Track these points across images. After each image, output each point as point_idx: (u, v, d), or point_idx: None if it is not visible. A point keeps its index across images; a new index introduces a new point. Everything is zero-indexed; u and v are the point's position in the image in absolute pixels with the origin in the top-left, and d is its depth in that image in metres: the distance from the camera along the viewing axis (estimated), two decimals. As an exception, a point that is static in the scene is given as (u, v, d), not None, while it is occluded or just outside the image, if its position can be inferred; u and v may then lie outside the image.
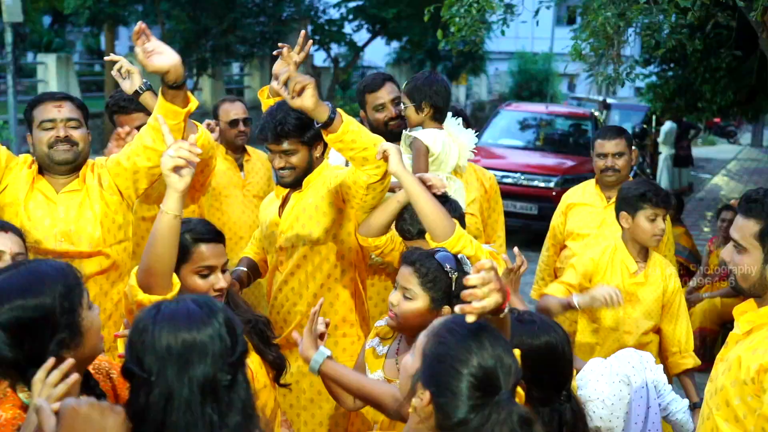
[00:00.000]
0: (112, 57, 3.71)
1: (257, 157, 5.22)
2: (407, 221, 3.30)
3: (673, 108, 13.72)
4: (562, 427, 2.46)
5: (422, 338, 1.92)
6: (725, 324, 7.19)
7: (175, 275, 2.63)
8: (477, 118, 24.33)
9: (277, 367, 2.95)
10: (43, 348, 1.94)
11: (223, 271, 2.79)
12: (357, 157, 3.15)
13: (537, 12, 7.53)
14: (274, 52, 3.39)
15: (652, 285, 3.95)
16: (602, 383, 2.99)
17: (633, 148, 4.72)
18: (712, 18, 6.39)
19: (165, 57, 3.01)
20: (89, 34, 27.29)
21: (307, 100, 2.98)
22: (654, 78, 13.31)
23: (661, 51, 6.41)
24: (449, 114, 4.17)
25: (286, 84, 3.06)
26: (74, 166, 3.43)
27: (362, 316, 3.69)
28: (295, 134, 3.41)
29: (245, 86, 23.20)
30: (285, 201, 3.63)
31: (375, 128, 4.17)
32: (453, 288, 2.77)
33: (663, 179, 15.74)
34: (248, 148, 5.23)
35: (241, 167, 5.09)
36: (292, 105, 3.04)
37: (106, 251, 3.42)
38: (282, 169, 3.48)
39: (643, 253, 3.98)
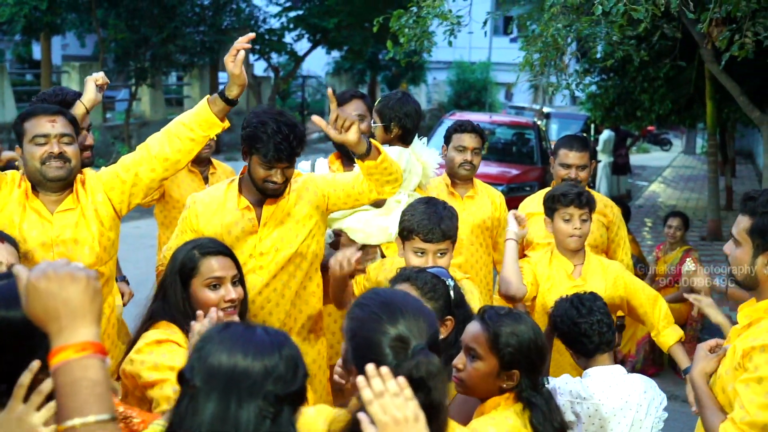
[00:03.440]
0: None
1: (222, 170, 5.18)
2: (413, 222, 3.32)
3: (612, 117, 14.00)
4: (551, 412, 2.52)
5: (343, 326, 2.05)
6: (673, 329, 7.34)
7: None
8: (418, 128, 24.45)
9: None
10: (17, 366, 1.86)
11: (235, 284, 2.86)
12: (382, 179, 3.43)
13: (485, 23, 7.61)
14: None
15: (593, 283, 3.94)
16: (616, 390, 3.10)
17: (592, 160, 4.79)
18: (659, 30, 6.56)
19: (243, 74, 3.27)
20: (20, 43, 26.60)
21: (352, 135, 3.25)
22: (594, 87, 13.58)
23: (610, 62, 6.54)
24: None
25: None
26: (67, 183, 3.36)
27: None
28: (301, 150, 3.50)
29: (185, 96, 22.93)
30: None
31: (337, 143, 4.20)
32: (453, 297, 2.79)
33: (602, 187, 16.04)
34: (213, 160, 5.18)
35: (206, 180, 5.02)
36: (335, 139, 3.30)
37: (101, 269, 3.38)
38: (281, 183, 3.50)
39: (580, 255, 4.01)
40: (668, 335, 3.88)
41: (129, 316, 3.80)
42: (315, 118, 3.32)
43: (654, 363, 7.15)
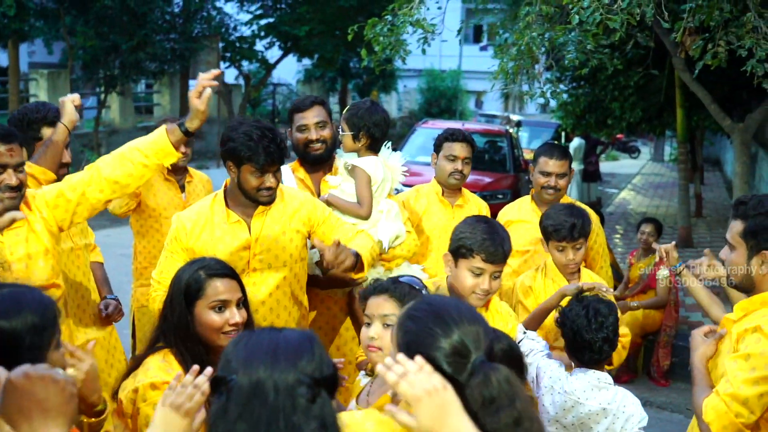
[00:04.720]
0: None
1: (198, 179, 5.14)
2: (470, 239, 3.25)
3: (583, 125, 14.10)
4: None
5: (393, 334, 1.99)
6: (647, 336, 7.39)
7: None
8: (389, 135, 24.50)
9: None
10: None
11: (239, 307, 2.83)
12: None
13: (460, 31, 7.64)
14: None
15: None
16: (597, 394, 3.18)
17: (571, 168, 4.81)
18: (632, 38, 6.61)
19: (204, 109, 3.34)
20: (-14, 50, 26.25)
21: (347, 265, 3.51)
22: (565, 96, 13.66)
23: (584, 70, 6.58)
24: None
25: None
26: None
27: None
28: (286, 152, 3.53)
29: (155, 104, 22.75)
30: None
31: (296, 148, 4.20)
32: None
33: (572, 194, 16.13)
34: (189, 169, 5.13)
35: (182, 188, 4.97)
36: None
37: (58, 282, 3.34)
38: (273, 188, 3.52)
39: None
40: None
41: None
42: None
43: (629, 370, 7.20)
